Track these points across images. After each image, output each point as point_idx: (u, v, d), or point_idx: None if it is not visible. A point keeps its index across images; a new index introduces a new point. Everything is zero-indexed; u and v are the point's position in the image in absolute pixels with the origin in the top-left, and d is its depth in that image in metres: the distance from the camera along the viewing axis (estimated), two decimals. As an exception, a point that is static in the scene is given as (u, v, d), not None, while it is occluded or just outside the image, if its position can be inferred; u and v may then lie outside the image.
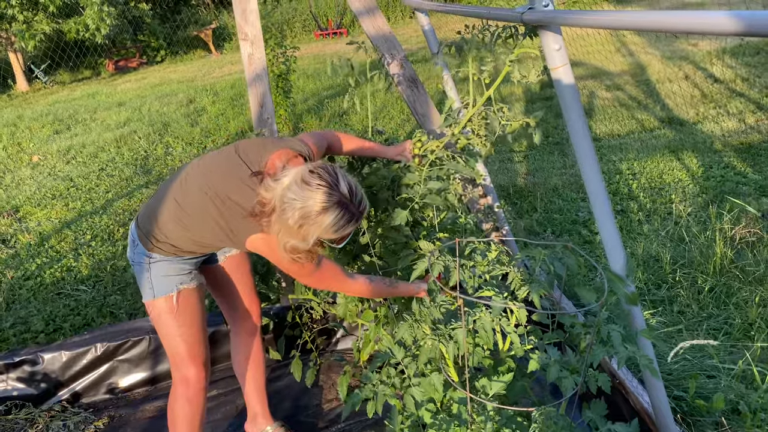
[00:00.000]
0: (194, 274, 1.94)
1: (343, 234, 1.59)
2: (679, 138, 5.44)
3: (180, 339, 1.91)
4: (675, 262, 3.29)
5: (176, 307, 1.87)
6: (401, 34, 14.85)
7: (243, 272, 2.14)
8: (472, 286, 1.56)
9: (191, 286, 1.91)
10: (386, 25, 2.66)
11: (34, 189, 6.10)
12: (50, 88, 14.28)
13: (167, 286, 1.88)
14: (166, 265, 1.87)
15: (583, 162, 1.48)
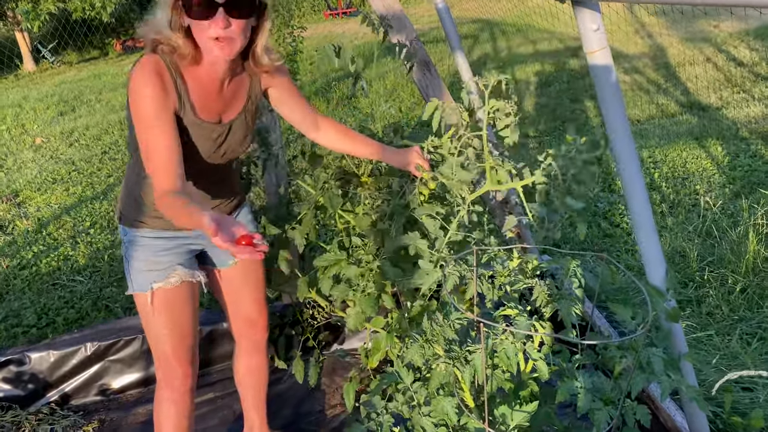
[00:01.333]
0: (175, 269, 1.67)
1: None
2: (702, 124, 5.20)
3: (163, 338, 1.73)
4: (702, 259, 3.09)
5: (152, 308, 1.68)
6: (412, 14, 14.54)
7: (253, 280, 1.90)
8: (491, 299, 1.38)
9: (168, 285, 1.66)
10: (397, 3, 2.45)
11: (36, 173, 5.95)
12: (57, 69, 14.13)
13: (142, 283, 1.68)
14: (140, 253, 1.66)
15: (623, 165, 1.29)
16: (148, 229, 1.66)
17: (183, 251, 1.72)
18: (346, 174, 2.07)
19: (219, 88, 1.56)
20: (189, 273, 1.70)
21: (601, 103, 1.29)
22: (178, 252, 1.70)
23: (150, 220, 1.65)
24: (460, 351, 1.27)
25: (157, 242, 1.66)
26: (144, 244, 1.66)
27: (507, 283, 1.38)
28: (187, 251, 1.74)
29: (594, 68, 1.27)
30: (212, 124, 1.57)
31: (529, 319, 1.26)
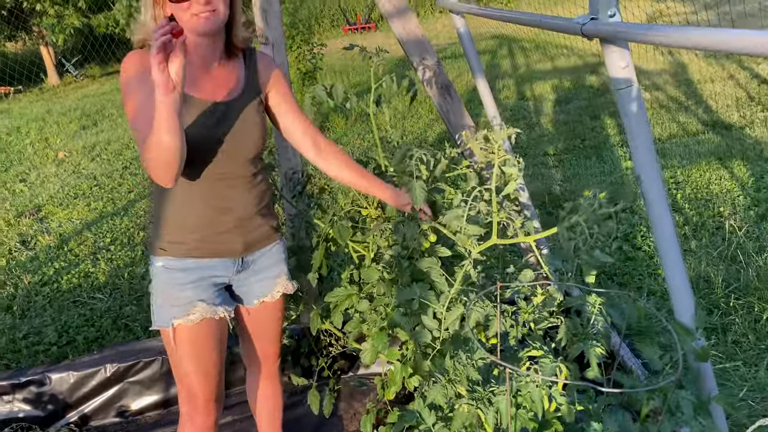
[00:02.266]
0: (195, 305, 1.64)
1: None
2: (725, 144, 5.12)
3: (186, 374, 1.71)
4: (728, 285, 3.03)
5: (174, 344, 1.67)
6: (430, 30, 14.59)
7: (274, 320, 1.88)
8: (515, 336, 1.36)
9: (188, 322, 1.63)
10: (419, 27, 2.45)
11: (58, 187, 6.03)
12: (80, 82, 14.36)
13: (164, 319, 1.66)
14: (162, 287, 1.65)
15: (651, 202, 1.26)
16: (170, 258, 1.64)
17: (206, 285, 1.67)
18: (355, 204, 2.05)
19: (205, 66, 1.59)
20: (211, 309, 1.66)
21: (628, 135, 1.27)
22: (201, 286, 1.66)
23: (174, 247, 1.63)
24: (484, 392, 1.24)
25: (179, 275, 1.64)
26: (166, 276, 1.64)
27: (531, 320, 1.36)
28: (210, 285, 1.68)
29: (622, 104, 1.25)
30: (203, 101, 1.56)
31: (554, 360, 1.24)
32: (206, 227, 1.63)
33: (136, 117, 1.48)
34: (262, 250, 1.76)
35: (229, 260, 1.69)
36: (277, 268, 1.81)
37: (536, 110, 7.15)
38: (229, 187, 1.64)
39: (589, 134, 5.90)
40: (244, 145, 1.63)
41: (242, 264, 1.73)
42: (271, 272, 1.80)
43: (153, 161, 1.40)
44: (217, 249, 1.66)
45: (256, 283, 1.79)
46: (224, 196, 1.64)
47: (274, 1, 2.34)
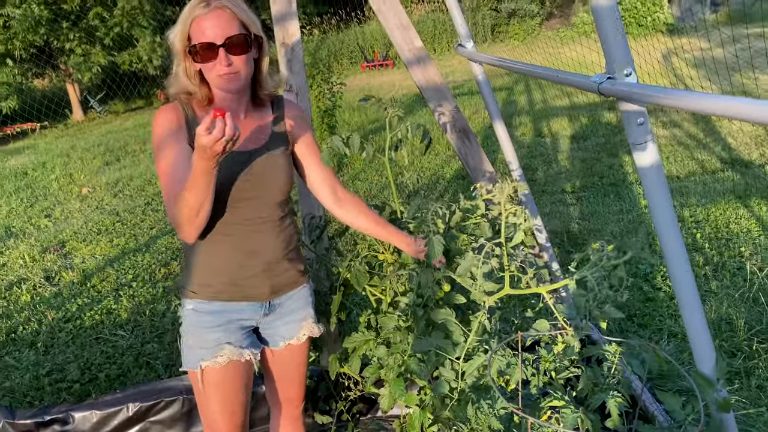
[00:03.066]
0: (223, 347, 1.67)
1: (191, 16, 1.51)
2: (745, 182, 5.11)
3: (212, 415, 1.74)
4: (750, 328, 3.00)
5: (202, 386, 1.70)
6: (447, 66, 14.80)
7: (299, 363, 1.91)
8: (536, 385, 1.37)
9: (215, 365, 1.66)
10: (437, 75, 2.51)
11: (81, 223, 6.15)
12: (104, 118, 14.72)
13: (192, 360, 1.70)
14: (191, 328, 1.70)
15: (670, 257, 1.28)
16: (199, 300, 1.68)
17: (234, 328, 1.71)
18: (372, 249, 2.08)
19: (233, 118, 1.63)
20: (237, 352, 1.69)
21: (645, 191, 1.30)
22: (229, 329, 1.70)
23: (204, 289, 1.67)
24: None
25: (207, 318, 1.68)
26: (195, 319, 1.68)
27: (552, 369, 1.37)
28: (238, 328, 1.72)
29: (639, 159, 1.28)
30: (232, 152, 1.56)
31: (575, 410, 1.25)
32: (234, 271, 1.67)
33: (168, 173, 1.55)
34: (289, 293, 1.80)
35: (256, 303, 1.73)
36: (303, 311, 1.85)
37: (553, 147, 7.19)
38: (257, 232, 1.68)
39: (607, 172, 5.92)
40: (272, 191, 1.68)
41: (269, 307, 1.77)
42: (297, 315, 1.83)
43: (181, 216, 1.48)
44: (245, 292, 1.70)
45: (283, 326, 1.82)
46: (252, 241, 1.68)
47: (298, 50, 2.42)
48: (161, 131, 1.59)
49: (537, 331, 1.41)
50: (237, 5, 1.56)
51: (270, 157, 1.68)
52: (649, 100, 1.10)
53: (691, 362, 2.08)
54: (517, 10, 19.57)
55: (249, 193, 1.63)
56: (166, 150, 1.57)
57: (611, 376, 1.34)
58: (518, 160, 2.69)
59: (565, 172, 6.14)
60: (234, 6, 1.55)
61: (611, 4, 1.19)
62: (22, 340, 3.76)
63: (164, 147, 1.57)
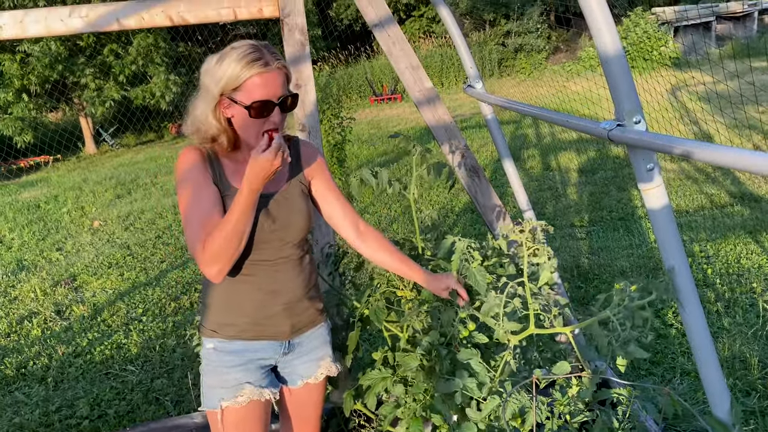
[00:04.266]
0: (243, 387, 1.69)
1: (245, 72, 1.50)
2: (755, 216, 5.10)
3: None
4: (764, 366, 2.97)
5: (222, 426, 1.70)
6: (454, 100, 14.95)
7: (315, 402, 1.91)
8: (551, 429, 1.37)
9: (236, 405, 1.68)
10: (447, 114, 2.55)
11: (93, 256, 6.19)
12: (116, 151, 14.91)
13: (212, 400, 1.71)
14: (211, 368, 1.71)
15: (683, 300, 1.29)
16: (220, 339, 1.69)
17: (254, 368, 1.72)
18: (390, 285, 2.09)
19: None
20: (257, 392, 1.70)
21: (657, 236, 1.31)
22: (249, 369, 1.71)
23: (225, 328, 1.69)
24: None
25: (227, 358, 1.69)
26: (216, 358, 1.69)
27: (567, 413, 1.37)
28: (258, 368, 1.73)
29: (648, 201, 1.30)
30: None
31: (590, 456, 1.24)
32: (256, 310, 1.69)
33: (197, 209, 1.57)
34: (308, 332, 1.81)
35: (276, 342, 1.75)
36: (321, 350, 1.85)
37: (562, 180, 7.21)
38: (278, 272, 1.70)
39: (616, 206, 5.92)
40: (291, 232, 1.70)
41: (289, 346, 1.78)
42: (315, 354, 1.84)
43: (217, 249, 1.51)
44: (266, 331, 1.72)
45: (301, 365, 1.83)
46: (273, 280, 1.70)
47: (310, 91, 2.47)
48: (187, 170, 1.61)
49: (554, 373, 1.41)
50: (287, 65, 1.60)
51: (289, 199, 1.71)
52: (658, 148, 1.12)
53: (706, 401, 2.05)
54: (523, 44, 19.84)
55: (270, 235, 1.66)
56: (193, 188, 1.59)
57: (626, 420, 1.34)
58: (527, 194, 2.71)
59: (574, 206, 6.15)
60: (287, 68, 1.59)
61: (619, 53, 1.22)
62: (32, 375, 3.77)
63: (191, 185, 1.59)
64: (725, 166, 0.89)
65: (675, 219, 1.32)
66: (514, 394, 1.36)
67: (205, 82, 1.57)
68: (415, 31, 21.22)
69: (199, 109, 1.61)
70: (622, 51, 1.24)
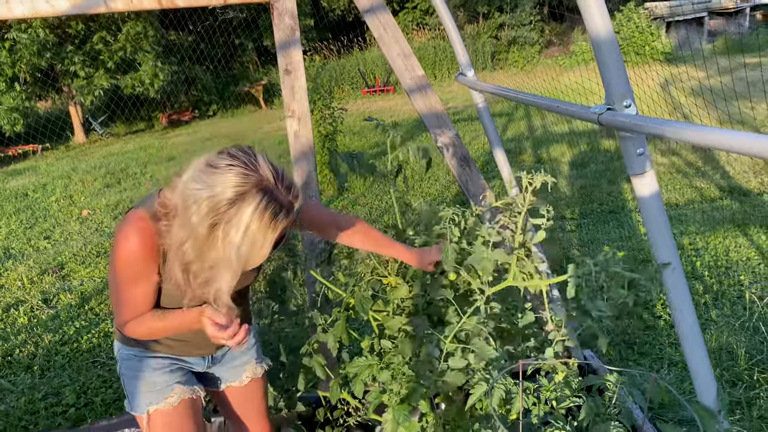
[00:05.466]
0: (173, 388, 1.61)
1: (271, 235, 1.22)
2: (744, 210, 5.12)
3: None
4: (751, 357, 2.98)
5: (148, 430, 1.60)
6: (447, 92, 14.93)
7: (254, 398, 1.87)
8: (537, 415, 1.36)
9: (166, 407, 1.59)
10: (438, 102, 2.54)
11: (81, 245, 6.14)
12: (106, 140, 14.78)
13: (138, 404, 1.62)
14: (136, 372, 1.61)
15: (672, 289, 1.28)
16: (141, 350, 1.61)
17: (179, 369, 1.66)
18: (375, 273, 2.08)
19: None
20: (188, 389, 1.63)
21: (645, 222, 1.30)
22: (174, 370, 1.64)
23: (150, 343, 1.61)
24: (507, 472, 1.24)
25: (153, 361, 1.61)
26: (140, 363, 1.60)
27: (553, 399, 1.36)
28: (183, 369, 1.69)
29: (638, 189, 1.29)
30: None
31: (576, 441, 1.24)
32: (187, 340, 1.64)
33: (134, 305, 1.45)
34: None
35: (200, 358, 1.73)
36: (245, 356, 1.83)
37: (553, 173, 7.20)
38: None
39: (606, 198, 5.94)
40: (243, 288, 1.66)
41: (212, 360, 1.76)
42: (239, 360, 1.82)
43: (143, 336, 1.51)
44: (193, 352, 1.69)
45: (226, 371, 1.81)
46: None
47: (300, 77, 2.44)
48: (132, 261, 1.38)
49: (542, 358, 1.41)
50: (299, 189, 1.32)
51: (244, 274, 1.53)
52: (649, 131, 1.11)
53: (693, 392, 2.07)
54: (517, 37, 19.83)
55: None
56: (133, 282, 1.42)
57: (613, 406, 1.33)
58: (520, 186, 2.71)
59: (565, 199, 6.16)
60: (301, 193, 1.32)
61: (611, 37, 1.21)
62: (18, 363, 3.73)
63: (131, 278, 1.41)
64: (715, 147, 0.88)
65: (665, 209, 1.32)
66: (500, 380, 1.35)
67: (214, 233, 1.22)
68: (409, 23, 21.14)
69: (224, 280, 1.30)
70: (614, 34, 1.22)
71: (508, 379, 1.38)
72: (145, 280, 1.41)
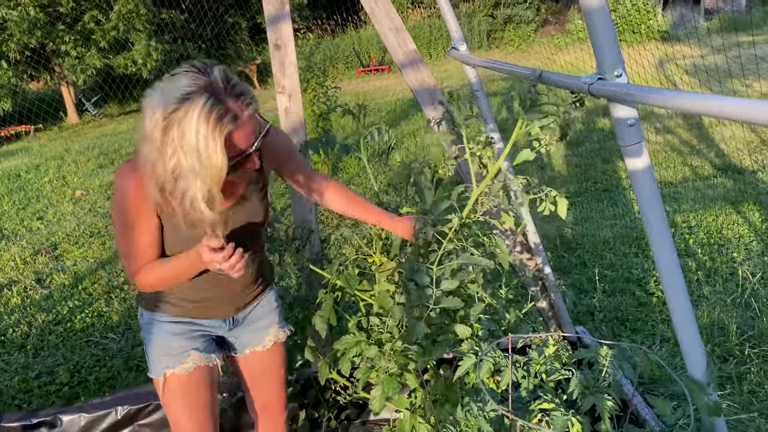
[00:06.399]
0: (189, 354, 1.65)
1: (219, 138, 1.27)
2: (738, 188, 5.13)
3: (181, 424, 1.70)
4: (742, 333, 3.00)
5: (166, 393, 1.66)
6: (442, 71, 14.82)
7: (274, 367, 1.88)
8: (527, 388, 1.36)
9: (182, 371, 1.63)
10: (431, 77, 2.51)
11: (74, 225, 6.11)
12: (99, 121, 14.66)
13: (156, 368, 1.67)
14: (155, 337, 1.66)
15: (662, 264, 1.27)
16: (161, 314, 1.66)
17: (198, 335, 1.69)
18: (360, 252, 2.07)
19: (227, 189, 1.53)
20: (205, 357, 1.67)
21: (637, 195, 1.29)
22: (194, 337, 1.68)
23: (169, 307, 1.65)
24: (495, 444, 1.25)
25: (170, 326, 1.65)
26: (159, 328, 1.65)
27: (543, 372, 1.36)
28: (202, 335, 1.71)
29: (629, 161, 1.27)
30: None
31: (565, 413, 1.24)
32: (202, 299, 1.66)
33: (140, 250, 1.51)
34: (254, 304, 1.79)
35: (220, 320, 1.73)
36: (268, 318, 1.83)
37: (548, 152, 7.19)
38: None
39: (601, 177, 5.93)
40: (248, 232, 1.64)
41: (233, 322, 1.76)
42: (262, 323, 1.82)
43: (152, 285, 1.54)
44: (212, 314, 1.70)
45: (249, 334, 1.81)
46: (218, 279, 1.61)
47: (290, 52, 2.41)
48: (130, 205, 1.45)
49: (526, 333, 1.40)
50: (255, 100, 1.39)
51: (247, 206, 1.62)
52: (640, 100, 1.09)
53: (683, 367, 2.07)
54: (512, 16, 19.66)
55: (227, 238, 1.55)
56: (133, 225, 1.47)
57: (602, 379, 1.33)
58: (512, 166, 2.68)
59: (559, 178, 6.15)
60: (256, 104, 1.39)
61: (601, 4, 1.19)
62: (12, 342, 3.73)
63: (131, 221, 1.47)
64: (706, 114, 0.87)
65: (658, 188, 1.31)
66: (489, 352, 1.35)
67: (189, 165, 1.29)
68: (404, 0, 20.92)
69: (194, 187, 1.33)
70: (604, 3, 1.20)
71: (498, 352, 1.37)
72: (144, 222, 1.47)
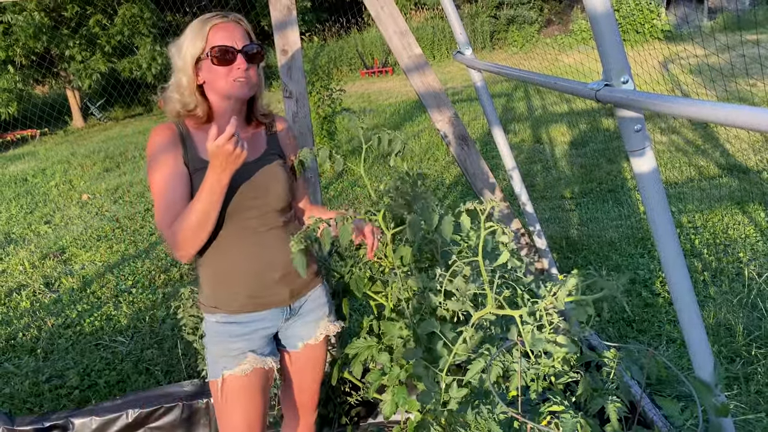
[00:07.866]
0: (246, 356, 1.70)
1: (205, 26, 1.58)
2: (743, 188, 5.12)
3: (232, 426, 1.73)
4: (749, 334, 3.00)
5: (223, 395, 1.69)
6: (446, 73, 14.84)
7: (316, 365, 1.91)
8: (536, 390, 1.38)
9: (239, 373, 1.68)
10: (436, 81, 2.53)
11: (81, 229, 6.15)
12: (104, 125, 14.74)
13: (214, 370, 1.72)
14: (214, 339, 1.72)
15: (668, 266, 1.29)
16: (222, 314, 1.70)
17: (257, 337, 1.73)
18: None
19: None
20: (261, 360, 1.71)
21: (643, 199, 1.30)
22: (252, 338, 1.72)
23: (225, 303, 1.69)
24: (505, 446, 1.26)
25: (230, 328, 1.69)
26: (219, 330, 1.70)
27: (551, 375, 1.38)
28: (261, 337, 1.74)
29: (636, 166, 1.29)
30: None
31: (574, 415, 1.25)
32: (253, 282, 1.69)
33: (165, 193, 1.58)
34: (307, 294, 1.83)
35: (278, 309, 1.76)
36: (320, 310, 1.87)
37: (552, 153, 7.21)
38: (266, 241, 1.70)
39: (606, 178, 5.93)
40: (272, 199, 1.70)
41: (290, 311, 1.79)
42: (314, 315, 1.86)
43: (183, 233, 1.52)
44: (267, 301, 1.73)
45: (301, 326, 1.84)
46: (263, 251, 1.70)
47: (297, 57, 2.43)
48: (157, 150, 1.61)
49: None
50: (248, 25, 1.65)
51: (268, 167, 1.72)
52: (646, 107, 1.11)
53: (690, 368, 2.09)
54: (515, 17, 19.66)
55: (251, 202, 1.66)
56: (162, 170, 1.59)
57: (610, 381, 1.35)
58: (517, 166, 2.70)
59: (564, 178, 6.16)
60: (246, 25, 1.64)
61: (608, 11, 1.20)
62: (22, 346, 3.76)
63: (160, 167, 1.59)
64: (713, 121, 0.88)
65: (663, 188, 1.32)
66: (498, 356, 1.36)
67: (174, 51, 1.64)
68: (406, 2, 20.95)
69: (173, 82, 1.65)
70: (611, 9, 1.22)
71: (507, 356, 1.39)
72: (172, 167, 1.58)
